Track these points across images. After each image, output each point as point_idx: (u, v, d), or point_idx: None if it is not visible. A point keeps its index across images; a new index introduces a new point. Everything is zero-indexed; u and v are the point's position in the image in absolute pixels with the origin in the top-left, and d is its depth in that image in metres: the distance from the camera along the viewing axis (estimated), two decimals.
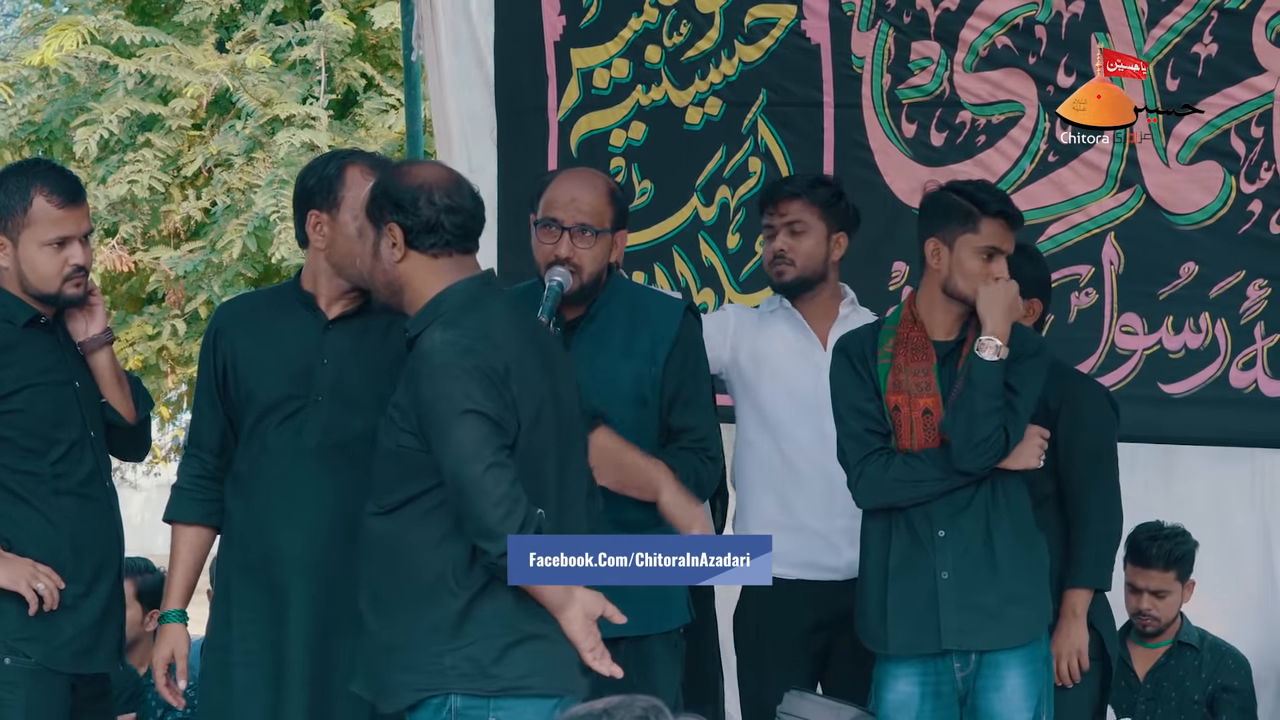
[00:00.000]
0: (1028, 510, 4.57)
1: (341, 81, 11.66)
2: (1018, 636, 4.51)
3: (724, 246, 6.24)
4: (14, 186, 4.29)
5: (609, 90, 6.42)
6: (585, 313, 4.50)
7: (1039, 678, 4.53)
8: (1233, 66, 5.63)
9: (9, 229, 4.30)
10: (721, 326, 5.13)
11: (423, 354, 3.76)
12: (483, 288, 3.86)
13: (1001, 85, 5.89)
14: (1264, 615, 5.87)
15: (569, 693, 3.82)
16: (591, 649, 3.82)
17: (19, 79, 11.75)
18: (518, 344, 3.80)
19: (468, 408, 3.69)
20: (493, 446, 3.69)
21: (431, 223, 3.81)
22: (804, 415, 4.99)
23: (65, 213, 4.30)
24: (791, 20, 6.13)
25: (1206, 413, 5.66)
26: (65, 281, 4.31)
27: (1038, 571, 4.56)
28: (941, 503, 4.51)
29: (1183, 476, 5.97)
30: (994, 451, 4.44)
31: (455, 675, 3.77)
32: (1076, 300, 5.81)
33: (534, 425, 3.78)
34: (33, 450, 4.27)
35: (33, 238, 4.28)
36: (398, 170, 3.95)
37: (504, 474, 3.68)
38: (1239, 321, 5.63)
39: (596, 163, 6.12)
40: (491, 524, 3.67)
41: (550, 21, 6.47)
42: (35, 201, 4.27)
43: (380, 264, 3.86)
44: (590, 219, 4.44)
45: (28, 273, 4.30)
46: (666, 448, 4.50)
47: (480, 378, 3.70)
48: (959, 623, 4.50)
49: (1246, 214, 5.63)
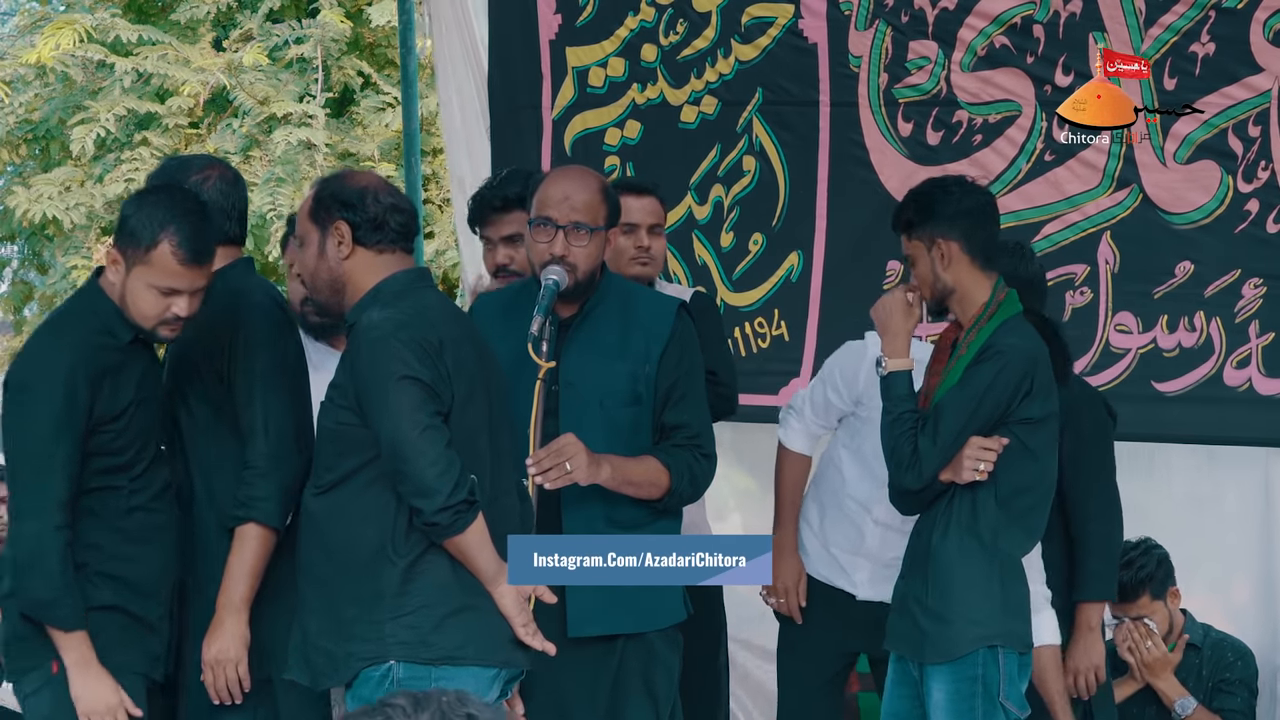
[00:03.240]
0: (988, 525, 4.45)
1: (338, 80, 11.66)
2: (941, 653, 4.43)
3: (717, 245, 6.24)
4: (148, 219, 4.09)
5: (604, 89, 6.42)
6: (579, 311, 4.50)
7: (968, 696, 4.42)
8: (1230, 66, 5.63)
9: (126, 254, 4.12)
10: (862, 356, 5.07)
11: (359, 331, 3.95)
12: (418, 280, 4.07)
13: (999, 85, 5.89)
14: (1263, 615, 5.87)
15: (505, 664, 3.97)
16: (525, 624, 3.97)
17: (16, 77, 11.76)
18: (451, 328, 3.99)
19: (404, 374, 3.87)
20: (428, 411, 3.87)
21: (378, 219, 4.03)
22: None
23: (185, 270, 4.10)
24: (789, 19, 6.14)
25: (1201, 411, 5.65)
26: (161, 324, 4.14)
27: (978, 589, 4.43)
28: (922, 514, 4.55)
29: (1178, 475, 5.97)
30: (902, 464, 4.42)
31: (396, 644, 3.90)
32: (1071, 299, 5.81)
33: (466, 403, 3.95)
34: (119, 468, 4.16)
35: (144, 276, 4.10)
36: (339, 176, 4.16)
37: (439, 435, 3.86)
38: (1234, 320, 5.63)
39: (591, 161, 6.12)
40: (428, 481, 3.83)
41: (546, 20, 6.47)
42: (160, 247, 4.08)
43: (325, 263, 4.06)
44: (584, 217, 4.44)
45: (129, 303, 4.13)
46: (661, 445, 4.50)
47: (415, 347, 3.89)
48: (896, 629, 4.54)
49: (1243, 213, 5.63)
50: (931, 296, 4.52)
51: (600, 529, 4.35)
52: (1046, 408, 4.48)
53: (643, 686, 4.47)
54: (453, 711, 2.17)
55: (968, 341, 4.47)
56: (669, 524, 4.53)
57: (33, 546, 4.04)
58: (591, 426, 4.39)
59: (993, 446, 4.41)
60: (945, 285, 4.50)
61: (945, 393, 4.44)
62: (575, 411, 4.42)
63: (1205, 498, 5.96)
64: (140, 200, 4.17)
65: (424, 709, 2.16)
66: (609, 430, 4.43)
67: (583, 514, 4.35)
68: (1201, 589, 5.78)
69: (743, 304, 6.13)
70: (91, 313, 4.16)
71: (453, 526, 3.86)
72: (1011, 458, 4.43)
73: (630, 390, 4.48)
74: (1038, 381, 4.45)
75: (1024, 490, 4.47)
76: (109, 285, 4.19)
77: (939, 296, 4.51)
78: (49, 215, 11.29)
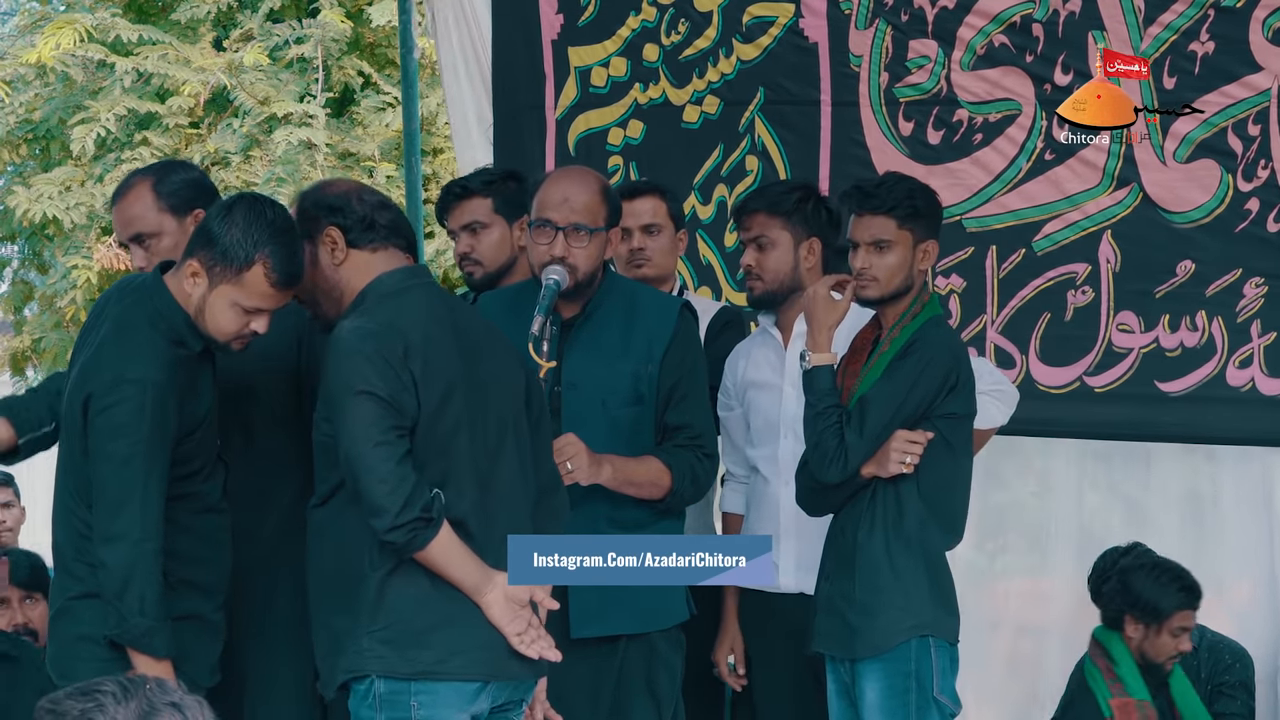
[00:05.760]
0: (914, 520, 4.44)
1: (339, 80, 11.67)
2: (872, 646, 4.41)
3: (721, 245, 6.24)
4: (243, 238, 3.93)
5: (607, 89, 6.43)
6: (581, 311, 4.50)
7: (901, 692, 4.40)
8: (1230, 65, 5.63)
9: (213, 270, 3.96)
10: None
11: (330, 342, 3.87)
12: (409, 277, 3.97)
13: (999, 83, 5.89)
14: (1264, 614, 5.87)
15: (494, 677, 3.86)
16: (518, 633, 3.86)
17: (16, 77, 11.76)
18: (429, 328, 3.87)
19: (360, 388, 3.77)
20: (381, 426, 3.76)
21: (367, 219, 3.96)
22: (770, 434, 4.95)
23: (276, 293, 3.97)
24: (789, 19, 6.14)
25: (1203, 411, 5.65)
26: (236, 339, 4.03)
27: (907, 582, 4.42)
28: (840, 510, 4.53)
29: (1177, 475, 5.97)
30: (826, 457, 4.40)
31: (373, 658, 3.82)
32: (1073, 298, 5.81)
33: (441, 407, 3.83)
34: (194, 474, 4.07)
35: (231, 295, 3.96)
36: (316, 187, 4.09)
37: (391, 452, 3.75)
38: (1235, 320, 5.63)
39: (594, 161, 6.13)
40: (376, 499, 3.74)
41: (548, 20, 6.48)
42: (255, 269, 3.94)
43: (320, 273, 3.99)
44: (584, 218, 4.44)
45: (208, 315, 3.98)
46: (663, 445, 4.50)
47: (376, 360, 3.78)
48: (825, 629, 4.51)
49: (1243, 212, 5.63)
50: (888, 290, 4.48)
51: (603, 529, 4.36)
52: (968, 405, 4.51)
53: (645, 687, 4.47)
54: (158, 699, 2.22)
55: (891, 338, 4.48)
56: (672, 524, 4.54)
57: (128, 574, 3.88)
58: (593, 426, 4.39)
59: (918, 440, 4.42)
60: (908, 282, 4.50)
61: (870, 387, 4.43)
62: (577, 411, 4.42)
63: (1205, 497, 5.96)
64: (229, 216, 3.97)
65: (132, 696, 2.22)
66: (611, 430, 4.43)
67: (585, 514, 4.34)
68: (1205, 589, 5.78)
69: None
70: (163, 321, 3.99)
71: (409, 544, 3.76)
72: (935, 452, 4.44)
73: (632, 390, 4.48)
74: (961, 377, 4.47)
75: (945, 485, 4.48)
76: (183, 295, 4.00)
77: (895, 292, 4.49)
78: (49, 215, 11.29)
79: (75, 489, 4.01)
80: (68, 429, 4.03)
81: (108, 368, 3.95)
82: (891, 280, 4.47)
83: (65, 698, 2.21)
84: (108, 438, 3.91)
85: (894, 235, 4.48)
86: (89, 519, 3.97)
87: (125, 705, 2.19)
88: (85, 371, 4.00)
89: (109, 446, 3.91)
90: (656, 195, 5.20)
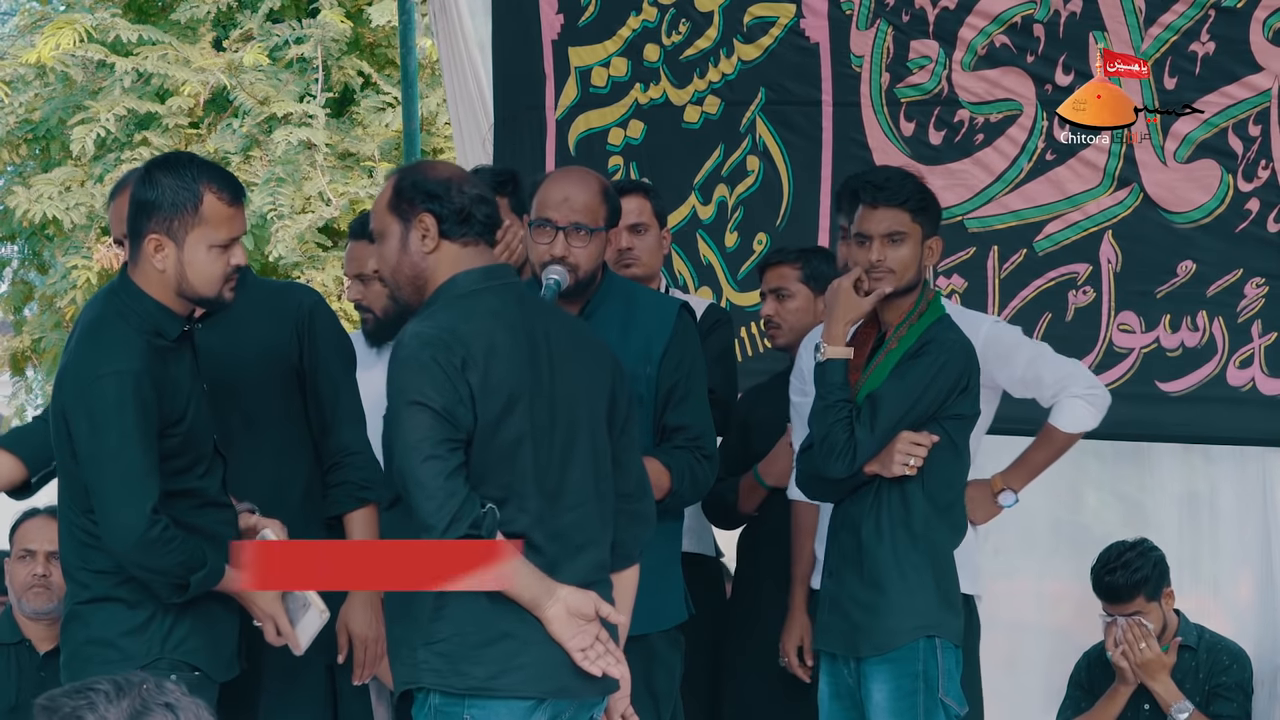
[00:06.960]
0: (920, 519, 4.44)
1: (339, 80, 11.67)
2: (878, 645, 4.41)
3: (722, 245, 6.25)
4: (179, 184, 3.94)
5: (607, 89, 6.43)
6: (581, 311, 4.50)
7: (909, 693, 4.39)
8: (1230, 65, 5.63)
9: (174, 229, 3.94)
10: None
11: (394, 345, 3.81)
12: (485, 278, 3.84)
13: (1000, 84, 5.89)
14: (1264, 615, 5.87)
15: (552, 695, 3.76)
16: (582, 649, 3.76)
17: (16, 77, 11.76)
18: (496, 335, 3.77)
19: (413, 399, 3.69)
20: (433, 440, 3.67)
21: (464, 211, 3.83)
22: None
23: (235, 211, 3.98)
24: (790, 19, 6.14)
25: (1204, 411, 5.65)
26: (226, 285, 3.99)
27: (913, 581, 4.42)
28: (837, 507, 4.53)
29: (1177, 475, 5.97)
30: (834, 451, 4.41)
31: (428, 670, 3.75)
32: (1074, 299, 5.81)
33: (502, 418, 3.74)
34: (188, 469, 4.02)
35: (203, 238, 3.94)
36: (418, 166, 3.97)
37: (441, 466, 3.66)
38: (1236, 320, 5.63)
39: (594, 161, 6.13)
40: (424, 514, 3.66)
41: (548, 20, 6.48)
42: (206, 199, 3.94)
43: (408, 257, 3.85)
44: (584, 218, 4.45)
45: (191, 276, 3.95)
46: (662, 446, 4.50)
47: (432, 368, 3.69)
48: (829, 627, 4.51)
49: (1244, 212, 5.63)
50: (902, 282, 4.48)
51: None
52: (974, 407, 4.53)
53: (644, 687, 4.46)
54: (152, 699, 2.22)
55: (899, 336, 4.49)
56: (671, 525, 4.54)
57: (145, 562, 3.88)
58: None
59: (923, 442, 4.42)
60: (916, 279, 4.51)
61: (881, 384, 4.44)
62: None
63: (1204, 496, 5.96)
64: (151, 179, 3.99)
65: (124, 695, 2.22)
66: None
67: None
68: (1201, 589, 5.78)
69: (748, 304, 6.12)
70: (133, 314, 3.97)
71: None
72: (941, 453, 4.45)
73: (631, 390, 4.48)
74: (971, 380, 4.49)
75: (949, 485, 4.50)
76: (154, 277, 3.97)
77: (908, 285, 4.50)
78: (49, 215, 11.29)
79: (72, 498, 3.98)
80: (57, 438, 3.99)
81: (84, 367, 3.92)
82: (906, 273, 4.48)
83: (60, 695, 2.23)
84: (95, 433, 3.87)
85: (908, 228, 4.49)
86: (88, 525, 3.94)
87: (117, 704, 2.20)
88: (62, 376, 3.98)
89: (98, 442, 3.87)
90: (642, 194, 5.22)
